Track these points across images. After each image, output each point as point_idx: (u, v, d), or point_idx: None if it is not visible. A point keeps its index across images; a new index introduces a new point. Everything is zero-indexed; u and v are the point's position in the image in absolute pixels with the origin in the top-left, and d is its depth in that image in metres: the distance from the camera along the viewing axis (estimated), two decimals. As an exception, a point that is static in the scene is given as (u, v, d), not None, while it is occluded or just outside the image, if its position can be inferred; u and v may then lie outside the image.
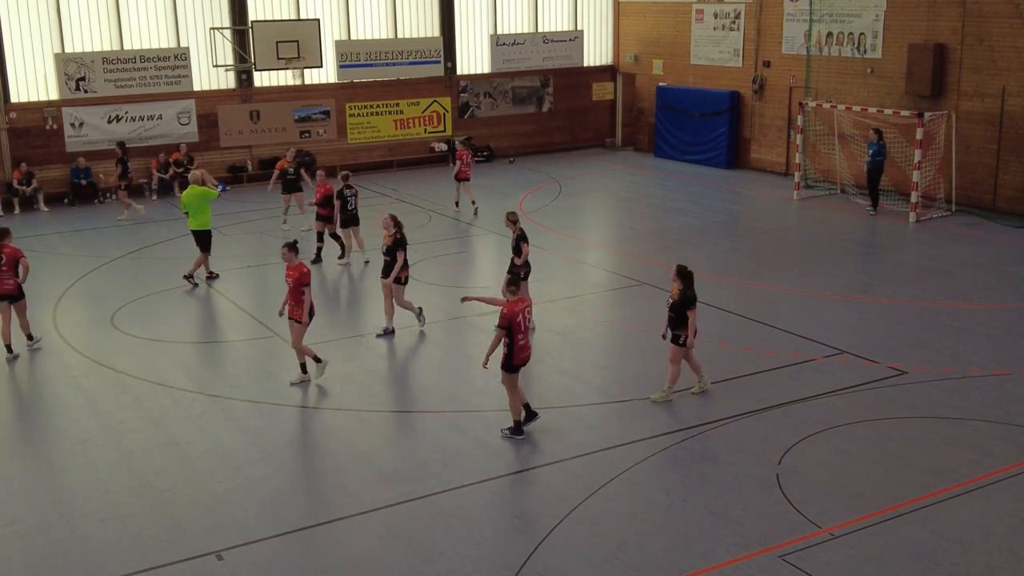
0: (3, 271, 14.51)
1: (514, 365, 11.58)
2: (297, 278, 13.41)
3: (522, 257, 15.17)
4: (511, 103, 31.98)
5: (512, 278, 11.92)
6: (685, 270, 12.62)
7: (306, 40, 27.45)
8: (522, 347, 11.51)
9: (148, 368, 14.46)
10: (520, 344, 11.47)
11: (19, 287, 14.72)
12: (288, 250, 13.58)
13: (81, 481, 11.20)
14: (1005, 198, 22.46)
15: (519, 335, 11.44)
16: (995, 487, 10.57)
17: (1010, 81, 22.03)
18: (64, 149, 26.04)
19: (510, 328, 11.36)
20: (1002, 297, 17.02)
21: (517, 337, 11.42)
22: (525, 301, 11.75)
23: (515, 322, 11.37)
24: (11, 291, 14.65)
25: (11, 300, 14.72)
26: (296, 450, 11.92)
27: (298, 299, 13.45)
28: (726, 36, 29.14)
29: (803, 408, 12.62)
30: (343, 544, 9.84)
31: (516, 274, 11.76)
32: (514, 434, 11.91)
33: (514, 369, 11.60)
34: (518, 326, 11.41)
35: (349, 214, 19.48)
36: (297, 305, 13.49)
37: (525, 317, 11.56)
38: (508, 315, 11.34)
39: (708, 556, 9.40)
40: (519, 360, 11.58)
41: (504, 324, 11.32)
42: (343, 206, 19.37)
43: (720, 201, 25.14)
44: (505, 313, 11.37)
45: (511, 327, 11.35)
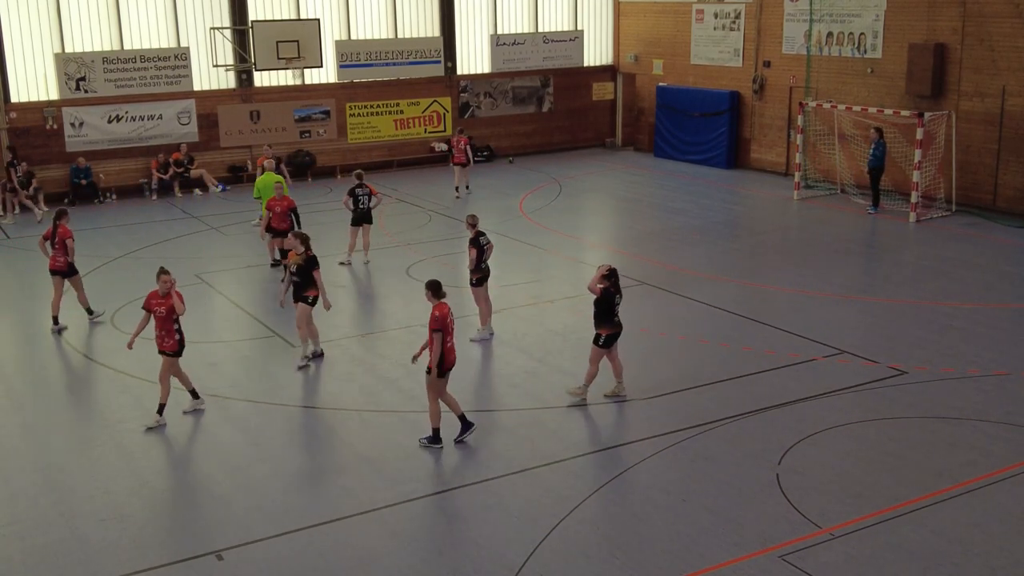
0: (56, 249, 16.00)
1: (444, 369, 11.54)
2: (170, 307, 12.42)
3: (471, 261, 15.00)
4: (511, 103, 31.98)
5: (430, 283, 11.76)
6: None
7: (306, 40, 27.45)
8: (450, 349, 11.57)
9: (148, 368, 14.44)
10: (449, 347, 11.53)
11: (69, 264, 16.14)
12: None
13: (81, 481, 11.20)
14: (1005, 198, 22.46)
15: (449, 337, 11.50)
16: (995, 487, 10.57)
17: (1010, 81, 22.03)
18: (64, 149, 26.03)
19: (444, 329, 11.40)
20: (1002, 297, 17.02)
21: (447, 339, 11.47)
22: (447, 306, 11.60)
23: (446, 323, 11.42)
24: (62, 267, 16.10)
25: (64, 275, 16.11)
26: (296, 450, 11.91)
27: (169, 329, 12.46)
28: (726, 36, 29.14)
29: (803, 408, 12.62)
30: (343, 544, 9.84)
31: (436, 281, 11.74)
32: (431, 443, 11.71)
33: (443, 374, 11.57)
34: (448, 328, 11.47)
35: (360, 212, 19.43)
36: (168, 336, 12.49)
37: (453, 321, 11.62)
38: (440, 317, 11.39)
39: (708, 556, 9.40)
40: (449, 364, 11.57)
41: (436, 327, 11.36)
42: (355, 204, 19.31)
43: (720, 201, 25.14)
44: (438, 316, 11.40)
45: (444, 328, 11.39)
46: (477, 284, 15.16)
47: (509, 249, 20.75)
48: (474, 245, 15.05)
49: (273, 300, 17.95)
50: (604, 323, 12.54)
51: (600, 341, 12.59)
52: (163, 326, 12.45)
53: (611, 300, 12.46)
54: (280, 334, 15.80)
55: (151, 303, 12.50)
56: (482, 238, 15.12)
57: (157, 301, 12.48)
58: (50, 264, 16.17)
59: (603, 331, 12.53)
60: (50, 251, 16.15)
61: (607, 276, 12.48)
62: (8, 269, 20.07)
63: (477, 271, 15.07)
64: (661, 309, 16.72)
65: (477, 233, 15.10)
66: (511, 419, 12.57)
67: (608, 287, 12.47)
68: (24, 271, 19.88)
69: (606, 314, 12.51)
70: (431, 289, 11.69)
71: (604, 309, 12.50)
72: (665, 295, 17.39)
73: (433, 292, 11.65)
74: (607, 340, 12.59)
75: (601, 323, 12.56)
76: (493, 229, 22.14)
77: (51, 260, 16.14)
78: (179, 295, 12.58)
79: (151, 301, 12.50)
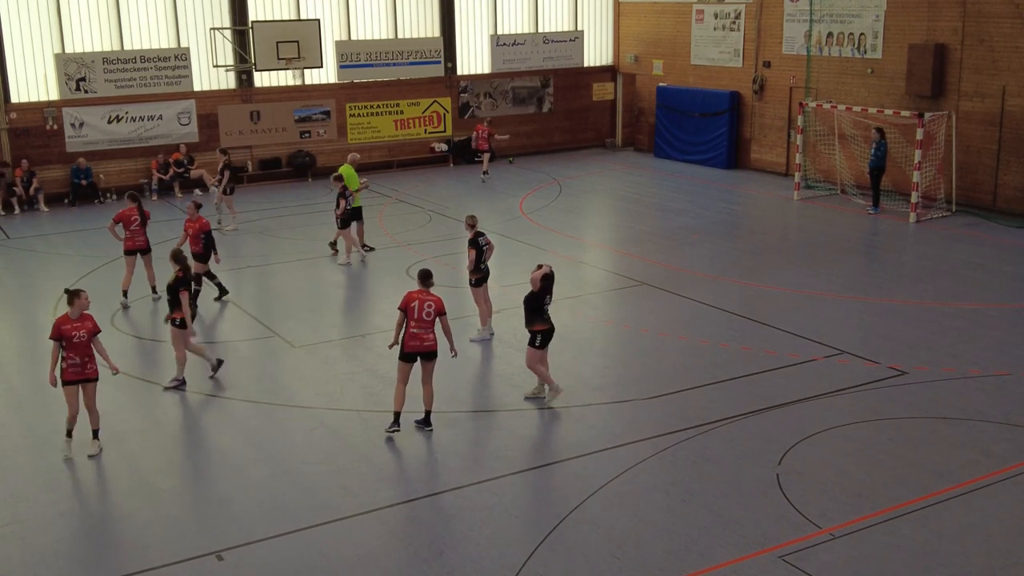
0: (136, 229, 17.05)
1: (404, 352, 11.91)
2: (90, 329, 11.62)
3: (470, 262, 15.02)
4: (511, 103, 31.97)
5: (422, 272, 12.25)
6: None
7: (306, 40, 27.46)
8: (412, 335, 11.85)
9: (148, 368, 14.46)
10: (411, 331, 11.84)
11: (148, 242, 17.32)
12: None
13: (81, 481, 11.19)
14: (1005, 198, 22.46)
15: (412, 322, 11.84)
16: (995, 487, 10.57)
17: (1010, 81, 22.03)
18: (64, 149, 26.03)
19: (405, 312, 11.86)
20: (1002, 297, 17.01)
21: (410, 324, 11.84)
22: (430, 296, 11.97)
23: (409, 307, 11.84)
24: (142, 245, 17.23)
25: (142, 253, 17.23)
26: (296, 450, 11.91)
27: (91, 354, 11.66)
28: (726, 36, 29.14)
29: (803, 408, 12.62)
30: (343, 544, 9.84)
31: (427, 271, 12.24)
32: (390, 429, 12.07)
33: (403, 357, 11.95)
34: (412, 311, 11.83)
35: (354, 211, 19.47)
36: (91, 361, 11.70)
37: (422, 308, 11.86)
38: (406, 298, 11.95)
39: (708, 556, 9.40)
40: (408, 347, 11.88)
41: (400, 306, 11.94)
42: (346, 204, 19.37)
43: (720, 201, 25.14)
44: (405, 296, 11.99)
45: (405, 310, 11.86)
46: (476, 284, 15.19)
47: (509, 249, 20.75)
48: (473, 246, 15.09)
49: (274, 301, 17.98)
50: (536, 320, 12.68)
51: (536, 341, 12.71)
52: (84, 352, 11.47)
53: (541, 298, 12.64)
54: (280, 334, 15.79)
55: (64, 329, 11.37)
56: (481, 239, 15.15)
57: (72, 326, 11.43)
58: (127, 244, 17.16)
59: (537, 328, 12.66)
60: (122, 234, 17.18)
61: (546, 276, 12.66)
62: (6, 269, 20.06)
63: (476, 271, 15.10)
64: (661, 309, 16.72)
65: (476, 234, 15.13)
66: (511, 419, 12.57)
67: (544, 286, 12.64)
68: (23, 271, 19.87)
69: (536, 312, 12.67)
70: (418, 277, 12.19)
71: (534, 308, 12.67)
72: (665, 295, 17.39)
73: (419, 279, 12.15)
74: (543, 339, 12.68)
75: (532, 321, 12.70)
76: (493, 229, 22.15)
77: (130, 240, 17.10)
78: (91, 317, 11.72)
79: (63, 328, 11.38)
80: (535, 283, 12.66)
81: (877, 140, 23.04)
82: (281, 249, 20.86)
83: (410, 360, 11.98)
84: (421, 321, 11.86)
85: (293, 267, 19.69)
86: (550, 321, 12.79)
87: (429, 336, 11.94)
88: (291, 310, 17.31)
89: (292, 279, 19.10)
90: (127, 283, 17.25)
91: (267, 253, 20.67)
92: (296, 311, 17.26)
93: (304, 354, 15.02)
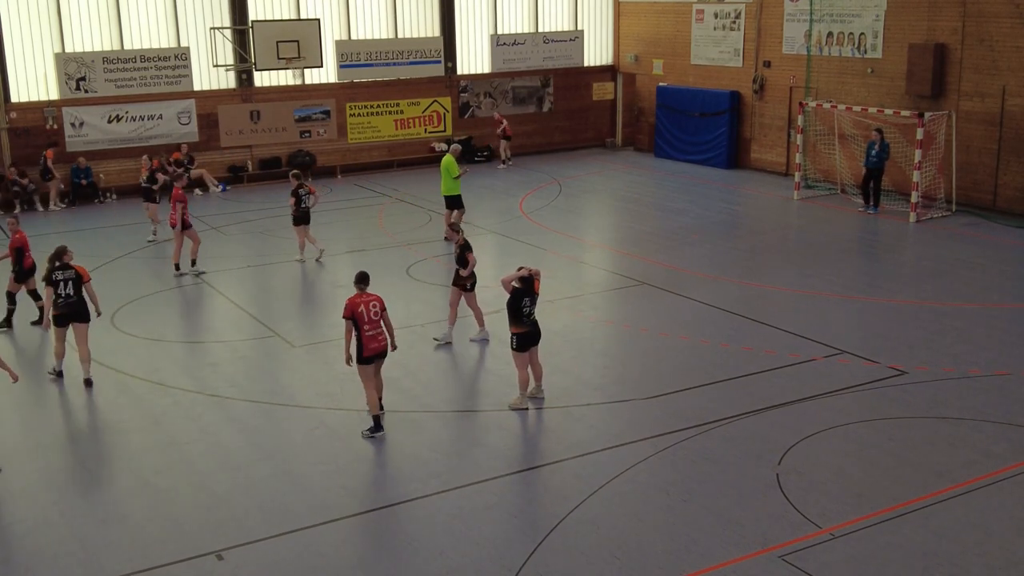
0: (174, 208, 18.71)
1: (364, 357, 11.96)
2: None
3: (468, 268, 14.85)
4: (511, 103, 31.98)
5: (359, 275, 12.20)
6: None
7: (306, 40, 27.46)
8: (370, 338, 11.93)
9: (148, 368, 14.46)
10: (367, 335, 11.91)
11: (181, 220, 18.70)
12: None
13: (81, 480, 11.20)
14: (1005, 198, 22.46)
15: (365, 325, 11.88)
16: (995, 487, 10.57)
17: (1010, 81, 22.03)
18: (64, 149, 26.03)
19: (355, 319, 11.85)
20: (1002, 297, 17.02)
21: (364, 328, 11.88)
22: (371, 296, 12.03)
23: (357, 312, 11.86)
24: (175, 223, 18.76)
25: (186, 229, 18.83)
26: (296, 450, 11.91)
27: None
28: (726, 36, 29.14)
29: (803, 408, 12.62)
30: (343, 544, 9.84)
31: (364, 273, 12.25)
32: (374, 432, 12.05)
33: (365, 361, 11.98)
34: (361, 316, 11.86)
35: (302, 211, 19.59)
36: None
37: (368, 309, 11.90)
38: (349, 306, 11.91)
39: (708, 556, 9.40)
40: (369, 351, 11.95)
41: (347, 315, 11.89)
42: (298, 204, 19.44)
43: (720, 201, 25.14)
44: (347, 304, 11.93)
45: (354, 318, 11.85)
46: (472, 288, 15.11)
47: (509, 249, 20.76)
48: (470, 250, 14.94)
49: (274, 300, 17.99)
50: (515, 322, 12.65)
51: (513, 343, 12.69)
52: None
53: (519, 301, 12.58)
54: (280, 334, 15.80)
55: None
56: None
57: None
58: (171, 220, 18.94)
59: (515, 330, 12.63)
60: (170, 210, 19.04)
61: (523, 279, 12.62)
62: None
63: (471, 276, 15.01)
64: (661, 309, 16.72)
65: (465, 240, 15.04)
66: (511, 419, 12.57)
67: (521, 288, 12.58)
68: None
69: (515, 314, 12.63)
70: (356, 280, 12.18)
71: (512, 309, 12.64)
72: (665, 295, 17.39)
73: (356, 283, 12.15)
74: (519, 342, 12.64)
75: (512, 322, 12.68)
76: (493, 229, 22.18)
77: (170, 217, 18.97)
78: None
79: None
80: (505, 285, 12.69)
81: (879, 140, 23.03)
82: (281, 249, 20.86)
83: (372, 362, 12.06)
84: (372, 322, 11.97)
85: (293, 267, 19.69)
86: (530, 324, 12.70)
87: (382, 336, 12.13)
88: (291, 310, 17.32)
89: (292, 279, 19.10)
90: (176, 255, 19.09)
91: (267, 252, 20.67)
92: (296, 311, 17.26)
93: (304, 354, 15.02)
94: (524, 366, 12.80)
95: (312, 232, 20.01)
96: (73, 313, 13.74)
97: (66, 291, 13.68)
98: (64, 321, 13.72)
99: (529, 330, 12.68)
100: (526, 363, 12.80)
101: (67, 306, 13.68)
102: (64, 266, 13.83)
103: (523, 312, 12.61)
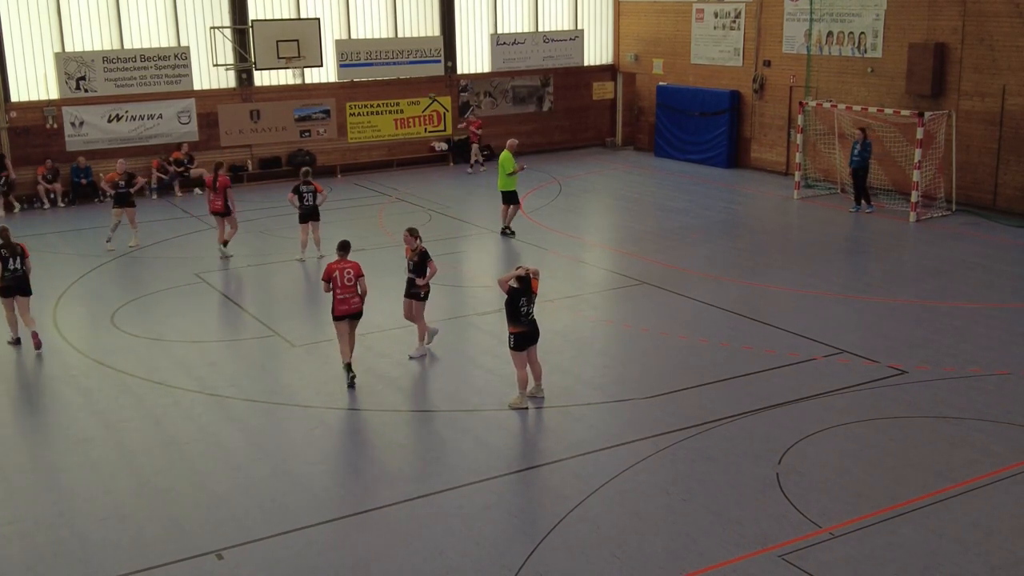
0: (214, 196, 19.87)
1: (335, 316, 13.52)
2: None
3: (427, 277, 14.29)
4: (511, 102, 31.97)
5: (341, 243, 13.78)
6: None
7: (306, 39, 27.44)
8: (340, 300, 13.43)
9: (148, 367, 14.46)
10: (339, 297, 13.42)
11: (226, 206, 19.87)
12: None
13: (81, 480, 11.20)
14: (1006, 198, 22.45)
15: (338, 289, 13.38)
16: (995, 487, 10.57)
17: (1010, 80, 22.03)
18: (64, 148, 26.03)
19: (330, 281, 13.41)
20: (1002, 297, 17.01)
21: (337, 292, 13.39)
22: (348, 263, 13.52)
23: (332, 276, 13.38)
24: (219, 209, 19.94)
25: (222, 216, 20.03)
26: (296, 449, 11.91)
27: None
28: (726, 35, 29.13)
29: (803, 407, 12.62)
30: (343, 543, 9.85)
31: (345, 241, 13.79)
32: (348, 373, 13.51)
33: (336, 318, 13.54)
34: (335, 280, 13.36)
35: (306, 209, 19.62)
36: None
37: (343, 275, 13.35)
38: (328, 270, 13.49)
39: (708, 556, 9.40)
40: (339, 311, 13.47)
41: (324, 278, 13.52)
42: (300, 201, 19.53)
43: (720, 201, 25.14)
44: (326, 268, 13.55)
45: (330, 280, 13.40)
46: (425, 299, 14.60)
47: (509, 249, 20.76)
48: (430, 259, 14.40)
49: (274, 300, 17.98)
50: (512, 321, 12.63)
51: (511, 342, 12.67)
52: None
53: (516, 301, 12.56)
54: (280, 333, 15.80)
55: None
56: None
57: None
58: (210, 207, 20.15)
59: (513, 329, 12.61)
60: (210, 196, 20.08)
61: (520, 279, 12.59)
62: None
63: (427, 287, 14.49)
64: (661, 308, 16.72)
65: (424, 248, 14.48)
66: (511, 418, 12.57)
67: (518, 288, 12.56)
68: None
69: (512, 313, 12.61)
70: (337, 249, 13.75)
71: (510, 307, 12.63)
72: (665, 294, 17.39)
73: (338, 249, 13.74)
74: (516, 341, 12.62)
75: (510, 322, 12.67)
76: (493, 228, 22.17)
77: (211, 204, 20.02)
78: None
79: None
80: (501, 285, 12.68)
81: (861, 140, 23.08)
82: (282, 248, 20.86)
83: (342, 320, 13.51)
84: (345, 287, 13.40)
85: (293, 266, 19.69)
86: (528, 324, 12.68)
87: (355, 299, 13.52)
88: (291, 309, 17.32)
89: (292, 278, 19.10)
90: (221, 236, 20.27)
91: (267, 252, 20.67)
92: (296, 310, 17.26)
93: (304, 353, 15.02)
94: (523, 365, 12.80)
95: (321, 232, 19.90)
96: (18, 286, 15.15)
97: (14, 266, 15.10)
98: (10, 293, 15.15)
99: (527, 329, 12.67)
100: (524, 362, 12.80)
101: (14, 279, 15.12)
102: (8, 243, 15.15)
103: (520, 312, 12.60)
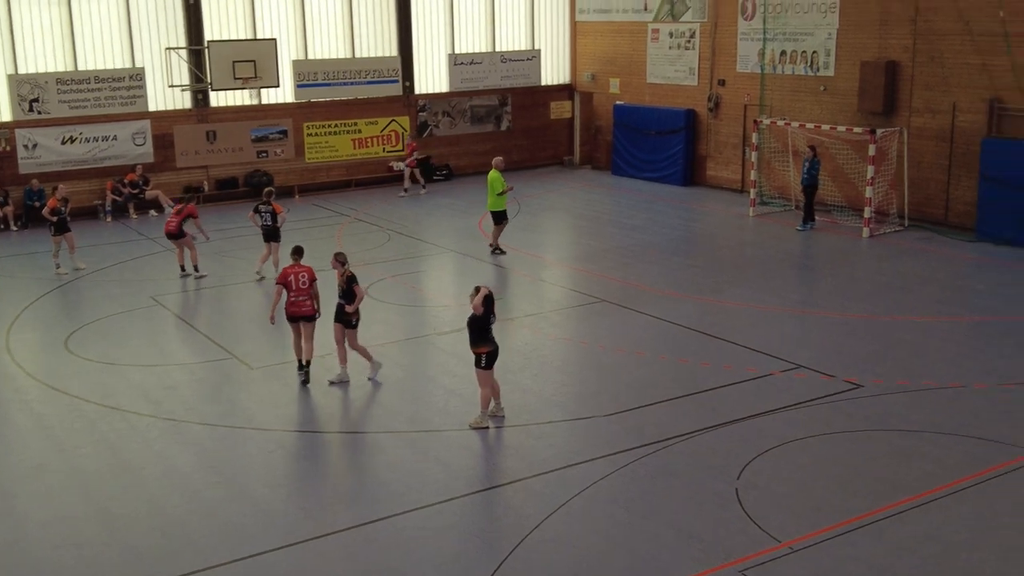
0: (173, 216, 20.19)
1: (288, 317, 14.36)
2: None
3: (355, 303, 14.00)
4: (469, 122, 32.04)
5: (295, 248, 14.70)
6: None
7: (263, 60, 27.35)
8: (292, 303, 14.22)
9: (103, 392, 14.27)
10: (291, 300, 14.21)
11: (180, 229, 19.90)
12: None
13: (35, 507, 11.01)
14: (957, 213, 22.81)
15: (291, 292, 14.17)
16: (950, 498, 10.70)
17: (960, 98, 22.42)
18: (17, 171, 25.70)
19: (285, 285, 14.17)
20: (955, 310, 17.26)
21: (290, 294, 14.17)
22: (303, 268, 14.33)
23: (287, 280, 14.19)
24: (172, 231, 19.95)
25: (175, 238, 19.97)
26: (253, 473, 11.80)
27: None
28: (681, 55, 29.41)
29: (761, 422, 12.71)
30: (303, 568, 9.75)
31: (299, 246, 14.65)
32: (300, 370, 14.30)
33: (288, 319, 14.38)
34: (290, 284, 14.17)
35: (265, 229, 19.71)
36: None
37: (297, 279, 14.16)
38: (283, 273, 14.32)
39: (669, 572, 9.42)
40: (290, 313, 14.31)
41: (279, 281, 14.28)
42: (260, 220, 19.73)
43: (677, 218, 25.32)
44: (281, 272, 14.38)
45: (285, 284, 14.18)
46: (356, 325, 14.32)
47: (468, 268, 20.76)
48: (356, 283, 14.13)
49: (230, 323, 17.83)
50: (481, 343, 12.61)
51: (482, 363, 12.65)
52: None
53: (487, 320, 12.59)
54: (237, 356, 15.67)
55: None
56: None
57: None
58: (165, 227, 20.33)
59: (482, 350, 12.59)
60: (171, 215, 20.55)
61: (487, 298, 12.58)
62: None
63: (356, 312, 14.24)
64: (619, 326, 16.79)
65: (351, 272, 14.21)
66: (471, 438, 12.55)
67: (485, 308, 12.57)
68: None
69: (482, 334, 12.60)
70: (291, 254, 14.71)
71: (478, 329, 12.59)
72: (623, 312, 17.46)
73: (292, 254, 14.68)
74: (488, 360, 12.64)
75: (478, 343, 12.62)
76: (452, 248, 22.17)
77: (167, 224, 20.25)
78: None
79: None
80: (477, 308, 12.54)
81: (810, 158, 23.38)
82: (238, 270, 20.71)
83: (295, 322, 14.28)
84: (299, 290, 14.17)
85: (250, 288, 19.55)
86: (494, 342, 12.73)
87: (306, 303, 14.23)
88: (248, 331, 17.18)
89: (249, 300, 18.96)
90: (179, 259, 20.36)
91: (223, 274, 20.50)
92: (254, 332, 17.12)
93: (262, 376, 14.91)
94: (488, 383, 12.79)
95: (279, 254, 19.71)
96: None
97: None
98: None
99: (495, 348, 12.69)
100: (491, 381, 12.80)
101: None
102: None
103: (490, 331, 12.61)
